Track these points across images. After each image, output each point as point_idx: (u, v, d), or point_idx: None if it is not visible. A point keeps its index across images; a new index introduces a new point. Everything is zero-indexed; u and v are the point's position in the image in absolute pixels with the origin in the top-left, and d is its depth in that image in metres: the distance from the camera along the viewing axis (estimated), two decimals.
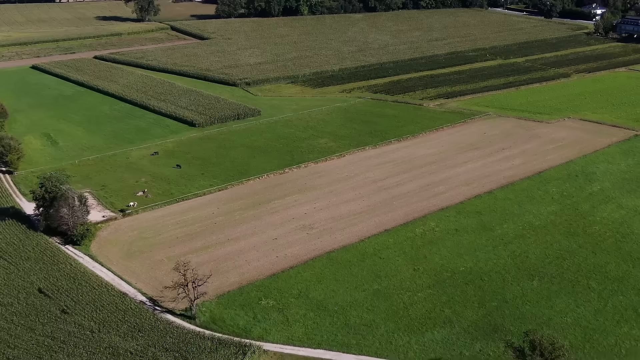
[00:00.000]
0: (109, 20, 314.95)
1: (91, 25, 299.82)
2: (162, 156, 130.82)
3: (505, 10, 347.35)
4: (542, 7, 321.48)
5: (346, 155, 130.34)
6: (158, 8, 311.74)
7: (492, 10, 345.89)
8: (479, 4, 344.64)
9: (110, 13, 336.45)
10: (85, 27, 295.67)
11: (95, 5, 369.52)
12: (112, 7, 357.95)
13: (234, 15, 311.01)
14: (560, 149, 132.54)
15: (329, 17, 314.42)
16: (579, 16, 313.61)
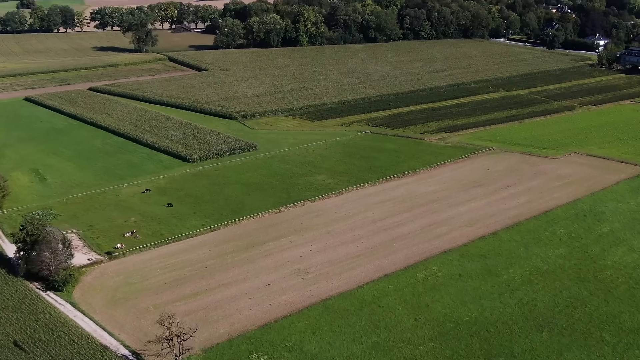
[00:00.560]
0: (106, 51, 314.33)
1: (88, 56, 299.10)
2: (154, 193, 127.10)
3: (507, 41, 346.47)
4: (545, 37, 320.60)
5: (344, 192, 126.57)
6: (156, 39, 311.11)
7: (493, 41, 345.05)
8: (480, 34, 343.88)
9: (108, 44, 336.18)
10: (82, 57, 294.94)
11: (93, 35, 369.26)
12: (110, 37, 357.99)
13: (233, 45, 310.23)
14: (566, 186, 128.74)
15: (329, 47, 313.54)
16: (581, 47, 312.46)
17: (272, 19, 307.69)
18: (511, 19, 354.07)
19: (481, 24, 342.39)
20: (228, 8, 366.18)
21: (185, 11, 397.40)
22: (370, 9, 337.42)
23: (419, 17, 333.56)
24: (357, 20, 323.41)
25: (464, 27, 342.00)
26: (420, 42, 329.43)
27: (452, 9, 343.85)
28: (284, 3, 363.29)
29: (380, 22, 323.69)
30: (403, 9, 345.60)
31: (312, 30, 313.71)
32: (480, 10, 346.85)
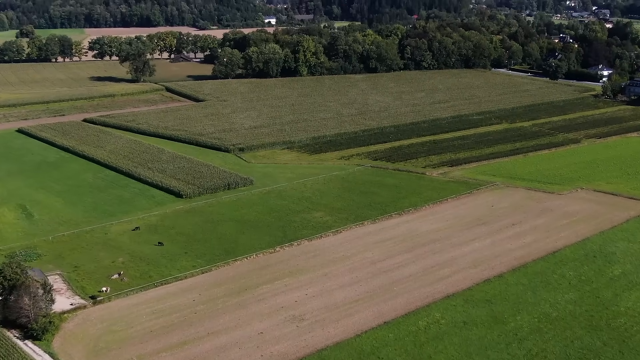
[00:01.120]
0: (104, 81, 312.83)
1: (85, 86, 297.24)
2: (144, 232, 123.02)
3: (509, 71, 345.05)
4: (547, 68, 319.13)
5: (343, 231, 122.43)
6: (153, 69, 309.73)
7: (495, 71, 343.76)
8: (482, 64, 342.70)
9: (106, 73, 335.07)
10: (78, 87, 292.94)
11: (91, 65, 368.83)
12: (107, 67, 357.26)
13: (231, 75, 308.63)
14: (574, 224, 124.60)
15: (329, 77, 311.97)
16: (585, 78, 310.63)
17: (272, 49, 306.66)
18: (513, 49, 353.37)
19: (483, 54, 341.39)
20: (227, 38, 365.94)
21: (184, 41, 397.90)
22: (370, 39, 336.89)
23: (420, 47, 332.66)
24: (357, 50, 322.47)
25: (465, 57, 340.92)
26: (422, 72, 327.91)
27: (454, 39, 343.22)
28: (283, 33, 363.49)
29: (380, 52, 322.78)
30: (404, 39, 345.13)
31: (312, 60, 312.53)
32: (482, 40, 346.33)
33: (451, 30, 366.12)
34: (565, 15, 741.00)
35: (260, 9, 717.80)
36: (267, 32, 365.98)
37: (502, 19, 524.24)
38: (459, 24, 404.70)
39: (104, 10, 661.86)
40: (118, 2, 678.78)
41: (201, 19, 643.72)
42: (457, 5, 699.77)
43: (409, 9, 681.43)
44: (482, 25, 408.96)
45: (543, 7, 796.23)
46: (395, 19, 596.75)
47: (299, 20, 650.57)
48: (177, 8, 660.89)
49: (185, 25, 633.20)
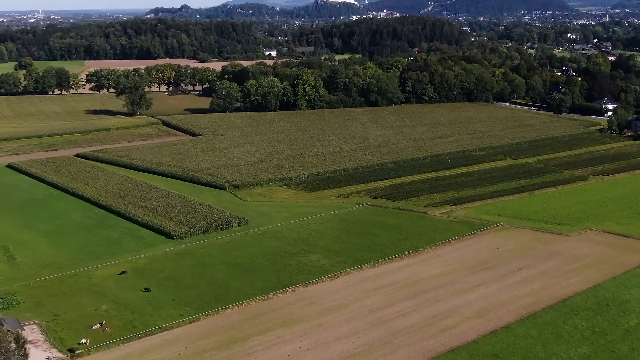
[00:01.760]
0: (100, 114, 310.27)
1: (80, 120, 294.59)
2: (131, 276, 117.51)
3: (512, 105, 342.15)
4: (551, 102, 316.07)
5: (341, 276, 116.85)
6: (150, 102, 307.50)
7: (498, 104, 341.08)
8: (484, 98, 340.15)
9: (102, 107, 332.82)
10: (73, 121, 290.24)
11: (88, 98, 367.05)
12: (104, 99, 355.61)
13: (229, 109, 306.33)
14: (584, 269, 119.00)
15: (329, 111, 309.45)
16: (589, 112, 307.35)
17: (270, 82, 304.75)
18: (516, 82, 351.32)
19: (485, 87, 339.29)
20: (226, 70, 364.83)
21: (183, 73, 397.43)
22: (371, 72, 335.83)
23: (422, 80, 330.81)
24: (357, 84, 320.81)
25: (467, 90, 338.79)
26: (423, 106, 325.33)
27: (455, 72, 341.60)
28: (283, 66, 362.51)
29: (381, 85, 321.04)
30: (405, 72, 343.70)
31: (312, 93, 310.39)
32: (484, 73, 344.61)
33: (453, 63, 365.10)
34: (567, 48, 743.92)
35: (261, 41, 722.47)
36: (267, 65, 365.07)
37: (504, 52, 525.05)
38: (461, 57, 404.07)
39: (104, 42, 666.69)
40: (118, 34, 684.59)
41: (201, 51, 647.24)
42: (458, 37, 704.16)
43: (410, 42, 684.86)
44: (484, 58, 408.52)
45: (544, 40, 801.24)
46: (396, 52, 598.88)
47: (299, 53, 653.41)
48: (177, 40, 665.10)
49: (186, 58, 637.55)
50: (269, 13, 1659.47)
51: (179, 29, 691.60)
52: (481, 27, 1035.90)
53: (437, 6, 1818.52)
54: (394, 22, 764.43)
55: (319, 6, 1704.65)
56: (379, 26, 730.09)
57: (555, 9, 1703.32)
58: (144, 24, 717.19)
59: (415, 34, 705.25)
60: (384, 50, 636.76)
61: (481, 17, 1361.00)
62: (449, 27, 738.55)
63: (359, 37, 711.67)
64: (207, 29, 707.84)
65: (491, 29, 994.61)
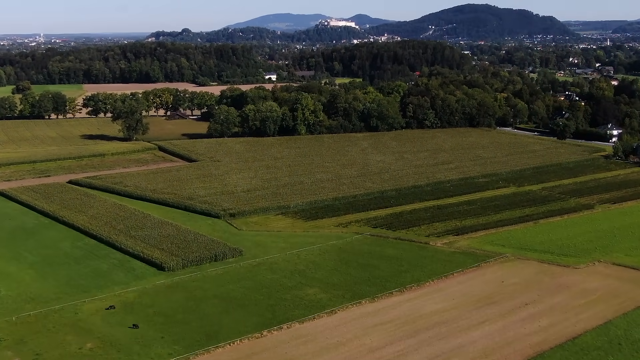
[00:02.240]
0: (95, 139, 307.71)
1: (74, 145, 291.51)
2: (119, 311, 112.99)
3: (515, 130, 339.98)
4: (555, 127, 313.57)
5: (339, 311, 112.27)
6: (147, 127, 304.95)
7: (500, 130, 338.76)
8: (486, 123, 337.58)
9: (98, 131, 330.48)
10: (68, 146, 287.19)
11: (84, 122, 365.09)
12: (101, 124, 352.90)
13: (227, 134, 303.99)
14: (594, 304, 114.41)
15: (328, 136, 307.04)
16: (594, 137, 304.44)
17: (269, 107, 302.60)
18: (518, 107, 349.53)
19: (487, 112, 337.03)
20: (224, 95, 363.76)
21: (181, 97, 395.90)
22: (371, 96, 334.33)
23: (423, 105, 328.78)
24: (357, 108, 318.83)
25: (469, 115, 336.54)
26: (424, 131, 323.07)
27: (457, 96, 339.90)
28: (282, 90, 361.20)
29: (382, 110, 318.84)
30: (406, 96, 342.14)
31: (311, 118, 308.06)
32: (486, 98, 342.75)
33: (454, 87, 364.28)
34: (569, 72, 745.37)
35: (261, 65, 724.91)
36: (265, 89, 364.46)
37: (506, 76, 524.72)
38: (462, 81, 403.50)
39: (103, 66, 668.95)
40: (117, 58, 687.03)
41: (201, 75, 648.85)
42: (459, 62, 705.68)
43: (410, 66, 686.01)
44: (485, 83, 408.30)
45: (546, 64, 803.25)
46: (397, 76, 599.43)
47: (299, 77, 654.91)
48: (177, 64, 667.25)
49: (185, 81, 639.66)
50: (270, 37, 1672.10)
51: (178, 52, 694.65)
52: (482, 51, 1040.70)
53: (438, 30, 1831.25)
54: (394, 46, 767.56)
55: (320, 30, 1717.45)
56: (380, 50, 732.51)
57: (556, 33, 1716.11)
58: (144, 47, 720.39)
59: (416, 58, 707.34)
60: (384, 74, 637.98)
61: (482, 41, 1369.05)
62: (450, 51, 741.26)
63: (359, 61, 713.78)
64: (207, 52, 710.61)
65: (492, 52, 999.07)
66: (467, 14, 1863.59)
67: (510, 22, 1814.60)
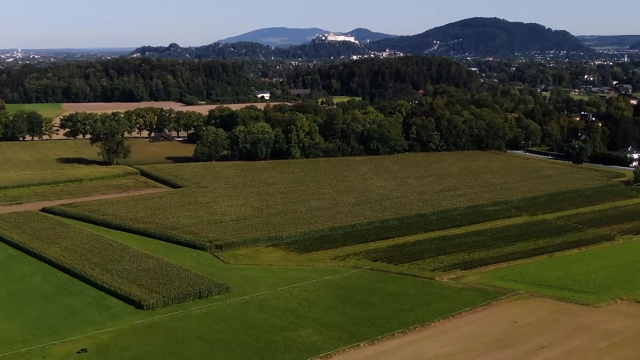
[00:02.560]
0: (73, 163, 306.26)
1: (50, 169, 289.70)
2: (91, 355, 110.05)
3: (527, 154, 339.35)
4: (570, 150, 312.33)
5: (334, 355, 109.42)
6: (128, 149, 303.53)
7: (511, 153, 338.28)
8: (496, 146, 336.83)
9: (76, 154, 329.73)
10: (43, 171, 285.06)
11: (62, 144, 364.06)
12: (79, 147, 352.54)
13: (215, 157, 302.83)
14: (617, 348, 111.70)
15: (324, 160, 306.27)
16: (612, 161, 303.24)
17: (261, 128, 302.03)
18: (531, 128, 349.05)
19: (497, 134, 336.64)
20: (213, 115, 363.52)
21: (166, 118, 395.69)
22: (371, 116, 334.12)
23: (427, 126, 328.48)
24: (356, 130, 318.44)
25: (477, 137, 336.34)
26: (429, 155, 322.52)
27: (464, 117, 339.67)
28: (275, 110, 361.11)
29: (383, 132, 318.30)
30: (409, 116, 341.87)
31: (306, 140, 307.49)
32: (495, 118, 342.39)
33: (461, 107, 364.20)
34: (584, 90, 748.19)
35: (254, 82, 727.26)
36: (257, 109, 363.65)
37: (517, 95, 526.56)
38: (470, 100, 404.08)
39: (84, 83, 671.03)
40: (99, 75, 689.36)
41: (188, 94, 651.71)
42: (466, 79, 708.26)
43: (414, 84, 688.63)
44: (495, 102, 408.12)
45: (559, 82, 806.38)
46: (399, 94, 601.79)
47: (294, 95, 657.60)
48: (163, 82, 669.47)
49: (172, 100, 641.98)
50: (264, 52, 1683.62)
51: (164, 69, 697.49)
52: (491, 68, 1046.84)
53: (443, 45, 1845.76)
54: (396, 62, 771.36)
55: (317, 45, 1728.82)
56: (381, 67, 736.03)
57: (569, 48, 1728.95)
58: (127, 64, 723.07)
59: (420, 75, 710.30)
60: (385, 92, 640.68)
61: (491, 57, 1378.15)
62: (456, 67, 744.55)
63: (359, 79, 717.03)
64: (195, 69, 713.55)
65: (502, 69, 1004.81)
66: (475, 28, 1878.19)
67: (521, 36, 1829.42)
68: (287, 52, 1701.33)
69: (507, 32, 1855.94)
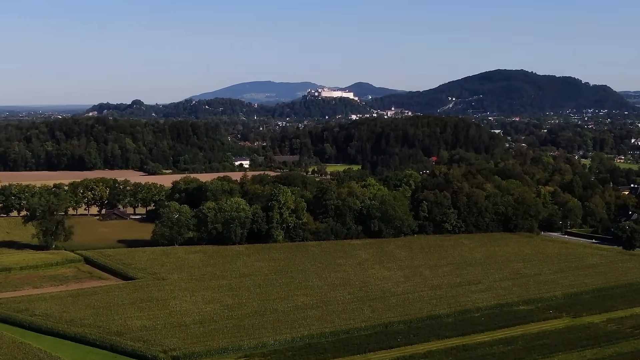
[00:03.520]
0: (1, 248, 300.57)
1: None
2: None
3: (565, 237, 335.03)
4: (619, 232, 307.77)
5: None
6: (71, 230, 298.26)
7: (546, 235, 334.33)
8: (527, 227, 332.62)
9: (7, 236, 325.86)
10: None
11: None
12: (12, 226, 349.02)
13: (178, 241, 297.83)
14: None
15: (314, 244, 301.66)
16: None
17: (235, 205, 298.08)
18: (569, 205, 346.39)
19: (528, 212, 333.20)
20: (177, 188, 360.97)
21: (121, 191, 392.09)
22: (372, 190, 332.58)
23: (441, 203, 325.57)
24: (354, 207, 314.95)
25: (504, 216, 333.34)
26: (444, 238, 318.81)
27: (487, 191, 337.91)
28: (254, 182, 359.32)
29: (386, 210, 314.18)
30: (418, 191, 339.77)
31: (291, 220, 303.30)
32: (526, 193, 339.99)
33: (483, 178, 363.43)
34: (632, 157, 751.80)
35: (230, 147, 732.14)
36: (233, 181, 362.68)
37: (550, 163, 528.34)
38: (494, 170, 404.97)
39: (24, 148, 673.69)
40: (43, 138, 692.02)
41: (151, 161, 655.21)
42: (488, 144, 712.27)
43: (425, 149, 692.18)
44: (524, 172, 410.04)
45: (601, 147, 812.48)
46: (407, 163, 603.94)
47: (280, 163, 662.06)
48: (120, 146, 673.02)
49: (130, 169, 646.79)
50: (245, 111, 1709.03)
51: (122, 131, 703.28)
52: (518, 130, 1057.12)
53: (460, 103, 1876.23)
54: (404, 123, 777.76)
55: (309, 102, 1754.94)
56: (385, 129, 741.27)
57: (611, 106, 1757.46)
58: (78, 124, 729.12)
59: (432, 138, 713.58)
60: (390, 160, 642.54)
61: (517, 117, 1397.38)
62: (476, 130, 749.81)
63: (358, 143, 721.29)
64: (159, 131, 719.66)
65: (531, 132, 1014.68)
66: (498, 82, 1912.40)
67: (553, 92, 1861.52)
68: (273, 111, 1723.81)
69: (536, 87, 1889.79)
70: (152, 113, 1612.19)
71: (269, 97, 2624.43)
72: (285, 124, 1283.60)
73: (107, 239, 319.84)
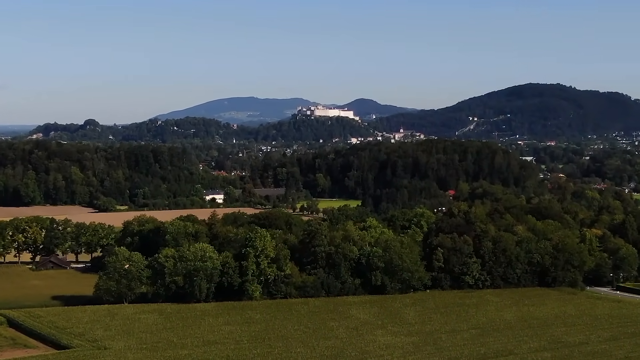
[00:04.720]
0: None
1: None
2: None
3: (618, 293, 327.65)
4: None
5: None
6: None
7: (593, 291, 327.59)
8: (568, 280, 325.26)
9: None
10: None
11: None
12: None
13: (128, 298, 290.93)
14: None
15: (300, 302, 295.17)
16: None
17: (200, 252, 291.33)
18: (622, 252, 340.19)
19: (571, 261, 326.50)
20: (129, 229, 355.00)
21: (60, 233, 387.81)
22: (375, 233, 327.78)
23: (461, 250, 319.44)
24: (350, 255, 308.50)
25: (540, 267, 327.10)
26: (464, 294, 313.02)
27: (519, 235, 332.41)
28: (225, 223, 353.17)
29: (391, 259, 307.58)
30: (432, 234, 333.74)
31: (270, 272, 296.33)
32: (567, 237, 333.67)
33: (513, 219, 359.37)
34: None
35: (201, 178, 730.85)
36: (198, 222, 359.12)
37: (596, 199, 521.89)
38: (526, 208, 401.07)
39: None
40: None
41: (102, 194, 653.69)
42: (518, 174, 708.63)
43: (440, 181, 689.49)
44: (564, 210, 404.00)
45: None
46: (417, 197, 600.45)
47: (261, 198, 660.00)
48: (65, 176, 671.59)
49: (77, 204, 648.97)
50: (222, 133, 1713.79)
51: (68, 157, 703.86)
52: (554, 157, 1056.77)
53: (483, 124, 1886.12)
54: (414, 148, 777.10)
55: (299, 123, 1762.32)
56: (391, 155, 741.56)
57: None
58: (13, 150, 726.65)
59: (450, 168, 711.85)
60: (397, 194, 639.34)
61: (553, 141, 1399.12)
62: (503, 157, 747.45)
63: (358, 173, 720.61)
64: (113, 158, 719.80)
65: (570, 159, 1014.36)
66: (529, 99, 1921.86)
67: (596, 111, 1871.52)
68: (256, 133, 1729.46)
69: (576, 105, 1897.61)
70: (109, 135, 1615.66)
71: (252, 116, 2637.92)
72: (270, 149, 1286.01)
73: (40, 294, 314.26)
